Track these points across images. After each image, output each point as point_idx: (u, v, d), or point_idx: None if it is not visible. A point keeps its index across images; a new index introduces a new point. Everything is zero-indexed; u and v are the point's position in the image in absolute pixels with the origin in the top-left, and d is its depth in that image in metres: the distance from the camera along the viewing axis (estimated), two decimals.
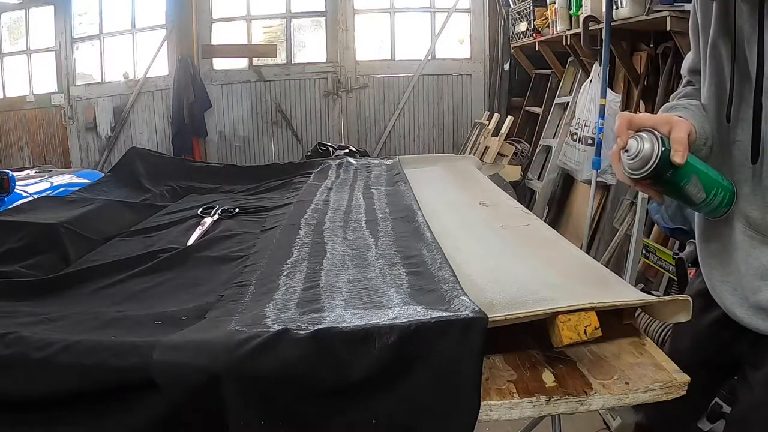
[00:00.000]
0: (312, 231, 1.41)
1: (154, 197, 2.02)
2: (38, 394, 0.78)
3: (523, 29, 4.55)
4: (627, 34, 3.09)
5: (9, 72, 5.83)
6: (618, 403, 0.84)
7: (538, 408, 0.82)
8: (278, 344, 0.77)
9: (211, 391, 0.75)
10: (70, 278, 1.24)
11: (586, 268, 1.14)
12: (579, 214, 3.55)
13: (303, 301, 0.98)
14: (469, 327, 0.79)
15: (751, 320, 0.95)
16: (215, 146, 5.55)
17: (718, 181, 0.87)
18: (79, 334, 0.89)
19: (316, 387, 0.77)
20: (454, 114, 5.50)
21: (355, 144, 5.24)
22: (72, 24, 5.64)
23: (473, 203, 1.67)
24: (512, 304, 0.92)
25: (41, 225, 1.46)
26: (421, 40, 5.45)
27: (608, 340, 0.95)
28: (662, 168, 0.82)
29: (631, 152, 0.83)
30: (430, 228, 1.33)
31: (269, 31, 5.54)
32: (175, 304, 1.07)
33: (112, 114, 5.64)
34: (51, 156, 5.79)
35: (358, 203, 1.69)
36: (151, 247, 1.43)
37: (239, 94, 5.47)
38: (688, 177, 0.84)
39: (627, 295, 0.98)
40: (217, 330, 0.86)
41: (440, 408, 0.77)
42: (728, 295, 0.99)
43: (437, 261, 1.11)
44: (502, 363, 0.90)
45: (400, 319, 0.82)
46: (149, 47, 5.52)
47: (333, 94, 5.42)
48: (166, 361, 0.76)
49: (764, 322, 0.94)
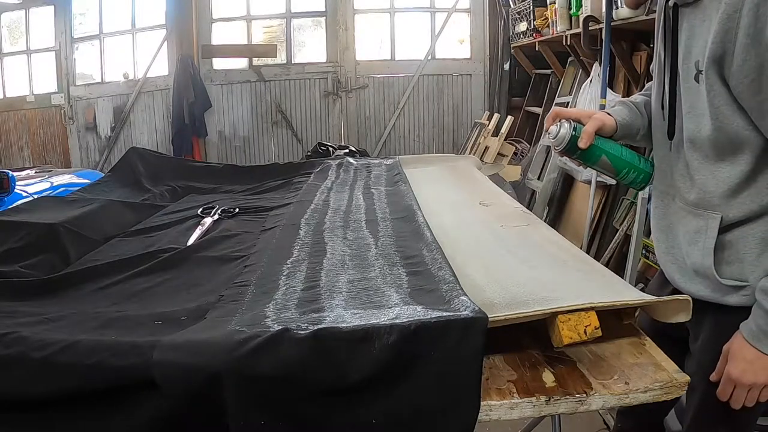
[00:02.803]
0: (312, 231, 1.41)
1: (154, 197, 2.02)
2: (38, 394, 0.78)
3: (523, 29, 4.55)
4: (627, 34, 3.09)
5: (9, 72, 5.83)
6: (618, 403, 0.84)
7: (538, 408, 0.82)
8: (278, 344, 0.77)
9: (211, 391, 0.75)
10: (70, 278, 1.24)
11: (586, 268, 1.14)
12: (579, 214, 3.55)
13: (303, 301, 0.98)
14: (469, 327, 0.79)
15: (686, 285, 1.06)
16: (215, 146, 5.55)
17: (630, 162, 1.10)
18: (79, 334, 0.89)
19: (316, 387, 0.77)
20: (454, 114, 5.50)
21: (355, 144, 5.23)
22: (72, 24, 5.63)
23: (473, 203, 1.67)
24: (512, 304, 0.92)
25: (41, 225, 1.46)
26: (421, 40, 5.44)
27: (608, 340, 0.95)
28: (572, 148, 1.08)
29: (552, 134, 1.10)
30: (430, 228, 1.33)
31: (269, 31, 5.54)
32: (175, 304, 1.07)
33: (112, 114, 5.64)
34: (51, 156, 5.79)
35: (358, 203, 1.69)
36: (151, 247, 1.43)
37: (239, 94, 5.46)
38: (596, 157, 1.09)
39: (627, 295, 0.98)
40: (217, 330, 0.86)
41: (440, 408, 0.77)
42: (670, 264, 1.10)
43: (437, 261, 1.11)
44: (502, 363, 0.90)
45: (400, 319, 0.82)
46: (149, 47, 5.52)
47: (333, 94, 5.41)
48: (167, 361, 0.76)
49: (694, 285, 1.04)
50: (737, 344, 0.97)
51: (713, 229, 0.98)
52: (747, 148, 0.94)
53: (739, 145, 0.95)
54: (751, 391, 0.97)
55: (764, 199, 0.96)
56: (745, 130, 0.93)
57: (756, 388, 0.96)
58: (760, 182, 0.96)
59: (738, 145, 0.95)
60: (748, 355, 0.95)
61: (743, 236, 0.98)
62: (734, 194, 0.97)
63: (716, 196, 0.98)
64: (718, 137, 0.95)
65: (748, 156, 0.95)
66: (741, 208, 0.97)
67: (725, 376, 0.98)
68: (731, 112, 0.93)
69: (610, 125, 1.11)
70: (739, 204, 0.97)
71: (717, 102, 0.94)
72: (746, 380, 0.96)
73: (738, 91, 0.91)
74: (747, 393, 0.97)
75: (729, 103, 0.93)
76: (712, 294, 1.01)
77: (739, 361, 0.96)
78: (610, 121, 1.11)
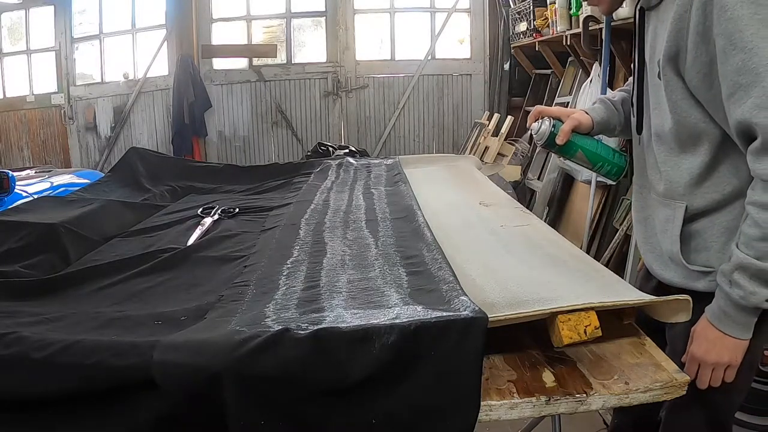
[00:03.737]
0: (312, 231, 1.41)
1: (154, 197, 2.02)
2: (38, 394, 0.78)
3: (523, 29, 4.55)
4: (627, 34, 3.08)
5: (9, 72, 5.83)
6: (618, 403, 0.84)
7: (538, 408, 0.82)
8: (278, 344, 0.77)
9: (211, 391, 0.75)
10: (70, 278, 1.24)
11: (586, 268, 1.14)
12: (579, 214, 3.55)
13: (303, 301, 0.98)
14: (469, 327, 0.79)
15: (662, 272, 1.13)
16: (215, 146, 5.55)
17: (604, 157, 1.21)
18: (79, 334, 0.89)
19: (316, 387, 0.77)
20: (454, 114, 5.50)
21: (355, 144, 5.23)
22: (72, 24, 5.63)
23: (473, 203, 1.67)
24: (512, 304, 0.92)
25: (41, 225, 1.46)
26: (421, 40, 5.44)
27: (608, 340, 0.95)
28: (551, 144, 1.20)
29: (534, 130, 1.22)
30: (430, 228, 1.33)
31: (269, 31, 5.53)
32: (175, 304, 1.07)
33: (112, 114, 5.63)
34: (51, 156, 5.78)
35: (358, 203, 1.69)
36: (151, 247, 1.43)
37: (239, 94, 5.46)
38: (573, 151, 1.21)
39: (627, 295, 0.98)
40: (218, 330, 0.86)
41: (440, 408, 0.77)
42: (648, 254, 1.17)
43: (437, 261, 1.11)
44: (502, 363, 0.90)
45: (400, 319, 0.82)
46: (149, 47, 5.52)
47: (333, 94, 5.41)
48: (167, 361, 0.76)
49: (669, 272, 1.11)
50: (702, 326, 1.01)
51: (679, 218, 1.06)
52: (705, 140, 1.01)
53: (698, 137, 1.02)
54: (715, 370, 1.01)
55: (725, 188, 1.02)
56: (702, 122, 1.00)
57: (719, 367, 1.01)
58: (720, 172, 1.02)
59: (697, 137, 1.02)
60: (711, 335, 0.99)
61: (710, 225, 1.05)
62: (697, 184, 1.04)
63: (681, 186, 1.05)
64: (679, 130, 1.03)
65: (707, 147, 1.01)
66: (704, 197, 1.04)
67: (690, 355, 1.03)
68: (688, 106, 1.00)
69: (586, 124, 1.21)
70: (703, 193, 1.04)
71: (675, 97, 1.01)
72: (710, 359, 1.00)
73: (693, 86, 0.98)
74: (711, 372, 1.01)
75: (686, 97, 1.00)
76: (684, 281, 1.08)
77: (703, 341, 1.01)
78: (587, 119, 1.22)
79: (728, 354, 1.00)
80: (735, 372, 1.02)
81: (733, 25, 0.88)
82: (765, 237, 0.91)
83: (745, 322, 0.97)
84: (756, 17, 0.87)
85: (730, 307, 0.97)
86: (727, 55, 0.90)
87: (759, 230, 0.92)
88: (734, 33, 0.88)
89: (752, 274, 0.93)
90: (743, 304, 0.95)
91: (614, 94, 1.30)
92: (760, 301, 0.94)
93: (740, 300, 0.95)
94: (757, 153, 0.91)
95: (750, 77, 0.88)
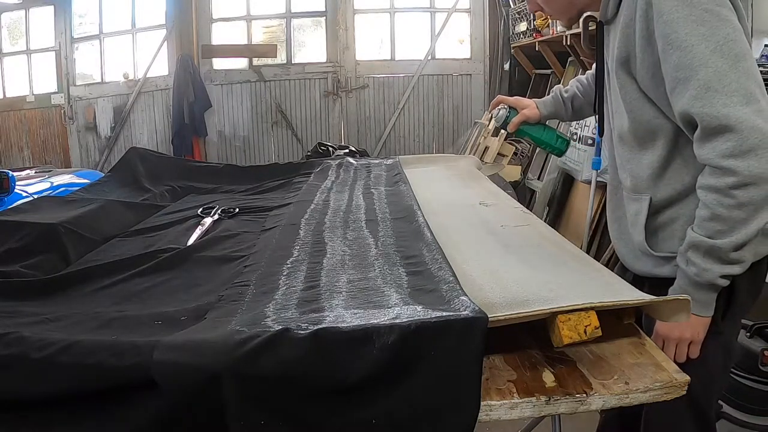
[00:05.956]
0: (312, 231, 1.41)
1: (154, 197, 2.02)
2: (38, 394, 0.78)
3: (523, 29, 4.55)
4: None
5: (9, 72, 5.84)
6: (618, 403, 0.84)
7: (538, 408, 0.82)
8: (278, 344, 0.77)
9: (211, 391, 0.75)
10: (70, 278, 1.24)
11: (586, 268, 1.14)
12: (579, 214, 3.55)
13: (303, 301, 0.98)
14: (469, 327, 0.79)
15: (633, 263, 1.21)
16: (215, 146, 5.55)
17: (547, 142, 1.48)
18: (79, 334, 0.89)
19: (316, 387, 0.77)
20: (454, 114, 5.50)
21: (355, 144, 5.24)
22: (72, 24, 5.64)
23: (473, 203, 1.67)
24: (512, 304, 0.91)
25: (41, 225, 1.46)
26: (421, 40, 5.44)
27: (608, 340, 0.95)
28: (505, 128, 1.48)
29: (494, 115, 1.47)
30: (430, 228, 1.33)
31: (269, 31, 5.54)
32: (175, 304, 1.07)
33: (112, 114, 5.64)
34: (51, 156, 5.79)
35: (358, 203, 1.69)
36: (151, 247, 1.43)
37: (239, 94, 5.47)
38: (521, 136, 1.52)
39: (627, 295, 0.98)
40: (218, 330, 0.86)
41: (440, 408, 0.77)
42: (621, 247, 1.26)
43: (437, 261, 1.11)
44: (502, 363, 0.90)
45: (400, 318, 0.82)
46: (149, 47, 5.52)
47: (333, 94, 5.42)
48: (167, 361, 0.76)
49: (640, 263, 1.19)
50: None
51: (645, 210, 1.14)
52: (661, 135, 1.09)
53: (654, 133, 1.10)
54: (679, 346, 1.09)
55: (685, 179, 1.09)
56: (656, 119, 1.08)
57: (683, 343, 1.09)
58: (678, 163, 1.09)
59: (653, 133, 1.10)
60: None
61: (675, 216, 1.12)
62: (659, 177, 1.11)
63: (644, 180, 1.13)
64: (636, 128, 1.11)
65: (662, 141, 1.09)
66: (666, 189, 1.11)
67: (654, 333, 1.10)
68: (642, 104, 1.08)
69: (534, 117, 1.46)
70: (665, 186, 1.11)
71: (629, 98, 1.10)
72: (673, 336, 1.08)
73: (644, 86, 1.06)
74: (676, 348, 1.09)
75: (639, 97, 1.08)
76: (653, 269, 1.16)
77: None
78: (535, 114, 1.46)
79: (690, 330, 1.07)
80: (699, 348, 1.09)
81: (670, 27, 0.96)
82: (714, 217, 0.98)
83: (704, 299, 1.05)
84: (690, 18, 0.95)
85: (688, 285, 1.04)
86: (666, 54, 0.98)
87: (708, 211, 0.99)
88: (671, 34, 0.96)
89: (705, 252, 1.01)
90: (698, 281, 1.03)
91: (568, 89, 1.49)
92: (714, 277, 1.01)
93: (695, 277, 1.02)
94: (699, 140, 0.99)
95: (687, 72, 0.96)
